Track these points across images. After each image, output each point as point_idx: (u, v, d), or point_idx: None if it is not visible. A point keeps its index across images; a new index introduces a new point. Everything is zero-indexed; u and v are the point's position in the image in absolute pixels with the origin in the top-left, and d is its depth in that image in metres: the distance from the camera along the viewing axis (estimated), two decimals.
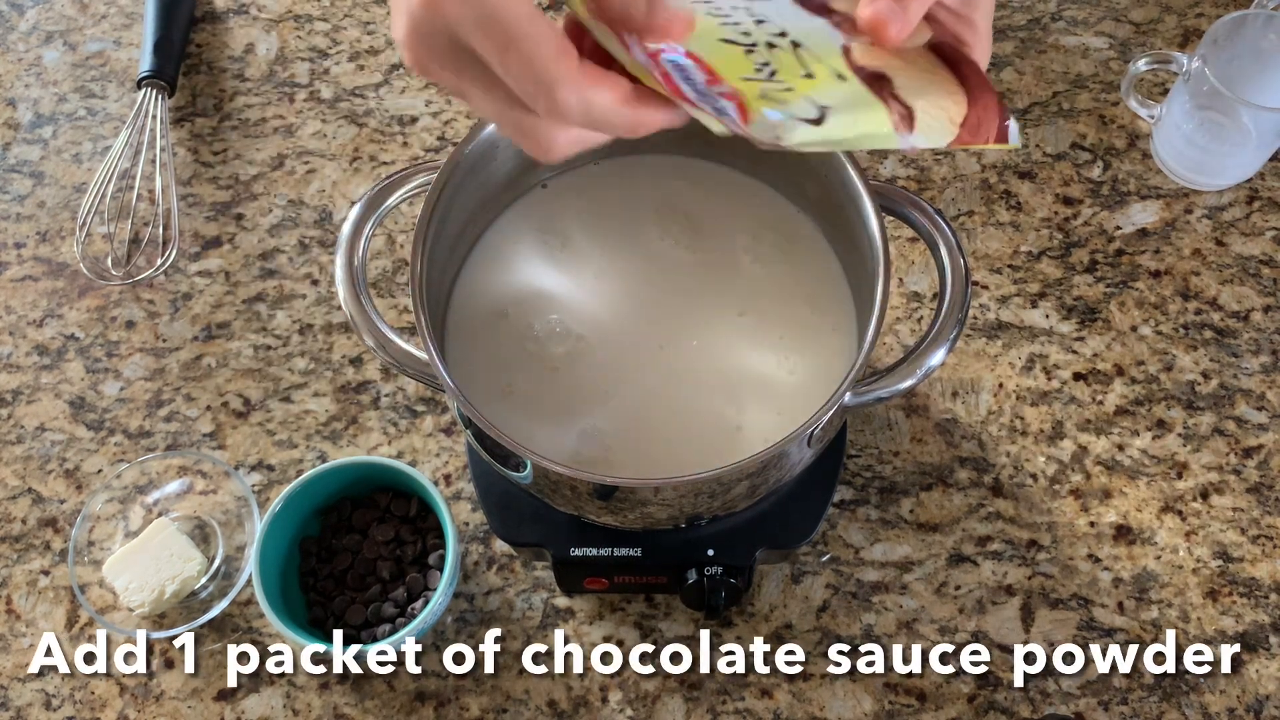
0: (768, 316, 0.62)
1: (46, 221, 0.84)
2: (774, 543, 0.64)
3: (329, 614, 0.68)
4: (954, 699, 0.67)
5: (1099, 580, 0.70)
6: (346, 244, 0.57)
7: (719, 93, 0.40)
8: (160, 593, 0.69)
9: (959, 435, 0.74)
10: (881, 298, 0.54)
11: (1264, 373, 0.75)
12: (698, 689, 0.68)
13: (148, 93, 0.85)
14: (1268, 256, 0.79)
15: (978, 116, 0.43)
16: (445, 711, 0.68)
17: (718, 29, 0.43)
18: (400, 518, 0.70)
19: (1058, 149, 0.83)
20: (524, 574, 0.71)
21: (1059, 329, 0.77)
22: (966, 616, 0.69)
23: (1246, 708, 0.66)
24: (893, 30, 0.41)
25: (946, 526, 0.71)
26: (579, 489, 0.54)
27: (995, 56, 0.87)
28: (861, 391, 0.54)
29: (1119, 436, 0.73)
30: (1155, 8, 0.89)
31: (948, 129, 0.43)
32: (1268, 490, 0.72)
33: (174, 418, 0.76)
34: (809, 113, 0.41)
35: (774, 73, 0.42)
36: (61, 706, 0.69)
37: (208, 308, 0.80)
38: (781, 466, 0.56)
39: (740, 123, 0.40)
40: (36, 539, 0.74)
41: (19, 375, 0.79)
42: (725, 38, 0.42)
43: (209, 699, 0.69)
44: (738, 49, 0.42)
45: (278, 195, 0.84)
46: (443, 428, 0.75)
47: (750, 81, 0.41)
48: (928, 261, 0.79)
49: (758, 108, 0.40)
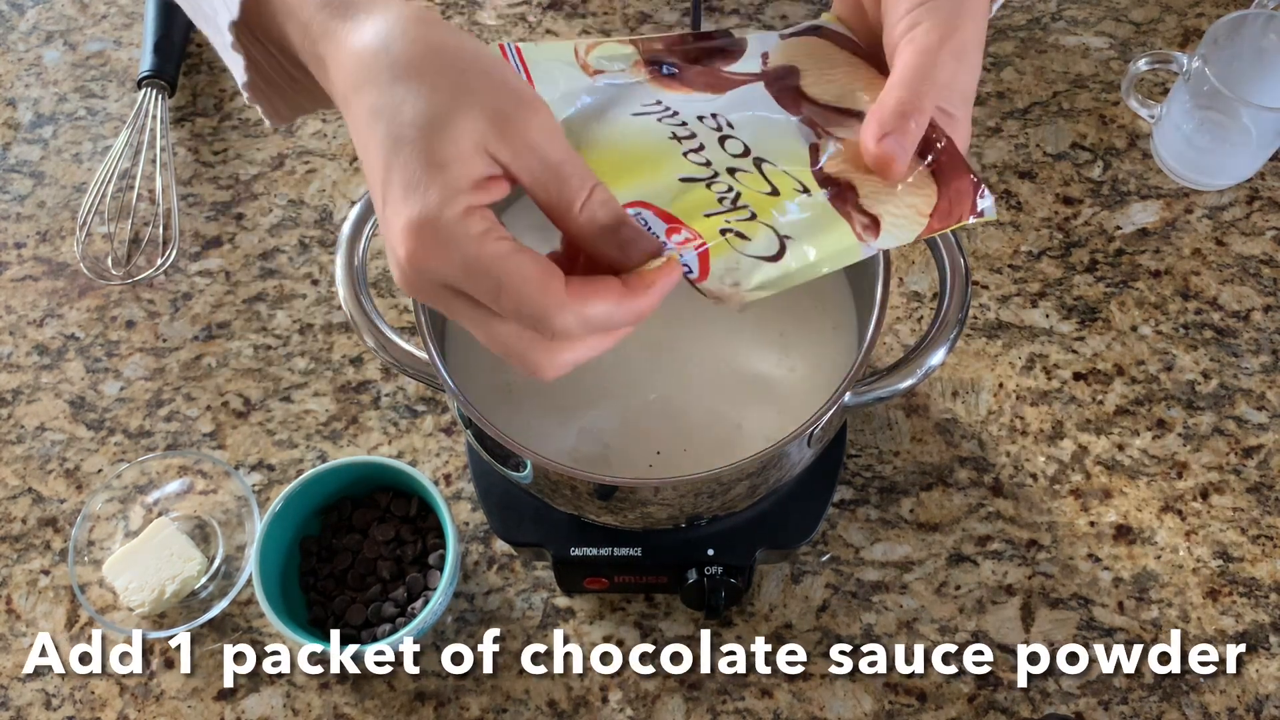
0: (768, 314, 0.62)
1: (46, 221, 0.84)
2: (774, 543, 0.64)
3: (329, 614, 0.68)
4: (954, 699, 0.67)
5: (1099, 580, 0.70)
6: (346, 244, 0.57)
7: (679, 242, 0.40)
8: (160, 593, 0.69)
9: (959, 435, 0.74)
10: (881, 297, 0.54)
11: (1264, 372, 0.75)
12: (698, 689, 0.68)
13: (148, 92, 0.85)
14: (1268, 256, 0.79)
15: (949, 201, 0.43)
16: (445, 711, 0.68)
17: (679, 163, 0.43)
18: (400, 518, 0.70)
19: (1058, 149, 0.83)
20: (524, 574, 0.71)
21: (1059, 329, 0.77)
22: (967, 616, 0.69)
23: (1247, 708, 0.66)
24: (898, 168, 0.42)
25: (946, 526, 0.71)
26: (579, 489, 0.54)
27: (996, 56, 0.87)
28: (861, 391, 0.54)
29: (1119, 436, 0.73)
30: (1155, 7, 0.89)
31: (915, 223, 0.42)
32: (1268, 490, 0.72)
33: (174, 417, 0.76)
34: (769, 249, 0.41)
35: (738, 196, 0.42)
36: (61, 706, 0.69)
37: (208, 308, 0.80)
38: (781, 466, 0.56)
39: (699, 277, 0.40)
40: (36, 539, 0.74)
41: (19, 375, 0.79)
42: (685, 175, 0.43)
43: (209, 699, 0.69)
44: (698, 184, 0.42)
45: (278, 195, 0.84)
46: (443, 428, 0.75)
47: (712, 217, 0.41)
48: (928, 261, 0.79)
49: (718, 254, 0.40)
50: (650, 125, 0.45)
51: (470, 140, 0.37)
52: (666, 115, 0.45)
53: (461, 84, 0.38)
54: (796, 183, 0.43)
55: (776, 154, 0.44)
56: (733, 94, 0.47)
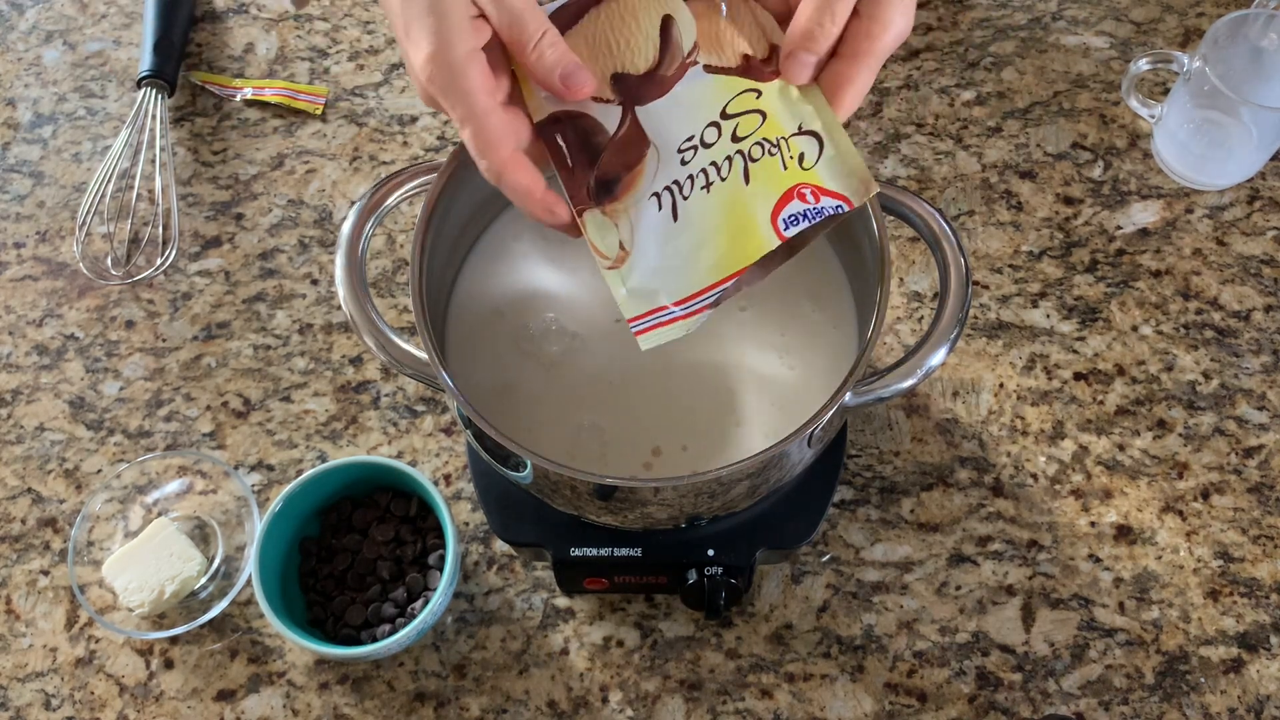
0: (769, 313, 0.62)
1: (46, 221, 0.84)
2: (774, 543, 0.64)
3: (329, 614, 0.68)
4: (954, 699, 0.67)
5: (1099, 580, 0.70)
6: (346, 244, 0.57)
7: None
8: (160, 593, 0.69)
9: (959, 435, 0.74)
10: (882, 297, 0.54)
11: (1265, 372, 0.75)
12: (698, 689, 0.68)
13: (148, 92, 0.85)
14: (1268, 256, 0.79)
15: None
16: (445, 711, 0.68)
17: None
18: (400, 518, 0.70)
19: (1058, 149, 0.83)
20: (524, 574, 0.71)
21: (1060, 329, 0.77)
22: (967, 616, 0.69)
23: (1247, 708, 0.66)
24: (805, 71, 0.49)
25: (947, 526, 0.71)
26: (579, 489, 0.54)
27: (996, 56, 0.87)
28: (862, 391, 0.54)
29: (1119, 436, 0.73)
30: (1156, 7, 0.89)
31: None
32: (1268, 490, 0.72)
33: (174, 417, 0.76)
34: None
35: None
36: (61, 706, 0.69)
37: (208, 307, 0.80)
38: (782, 466, 0.56)
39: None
40: (36, 539, 0.73)
41: (19, 375, 0.79)
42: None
43: (209, 699, 0.69)
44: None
45: (278, 195, 0.84)
46: (443, 428, 0.75)
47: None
48: (928, 261, 0.79)
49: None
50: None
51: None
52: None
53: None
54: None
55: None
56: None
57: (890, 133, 0.84)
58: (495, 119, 0.46)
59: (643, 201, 0.49)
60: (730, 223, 0.49)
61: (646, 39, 0.50)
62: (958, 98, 0.85)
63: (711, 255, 0.49)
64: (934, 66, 0.87)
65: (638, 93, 0.50)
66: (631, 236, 0.49)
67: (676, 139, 0.50)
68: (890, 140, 0.84)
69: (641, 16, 0.50)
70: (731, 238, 0.49)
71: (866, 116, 0.85)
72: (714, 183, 0.49)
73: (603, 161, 0.49)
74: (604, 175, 0.49)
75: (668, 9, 0.50)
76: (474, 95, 0.46)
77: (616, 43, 0.50)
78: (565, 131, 0.49)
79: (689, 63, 0.50)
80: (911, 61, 0.87)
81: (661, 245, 0.49)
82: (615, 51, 0.50)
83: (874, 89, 0.86)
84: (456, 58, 0.45)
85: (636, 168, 0.49)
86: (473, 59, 0.45)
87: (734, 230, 0.49)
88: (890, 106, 0.85)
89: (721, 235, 0.49)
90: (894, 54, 0.87)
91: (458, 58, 0.45)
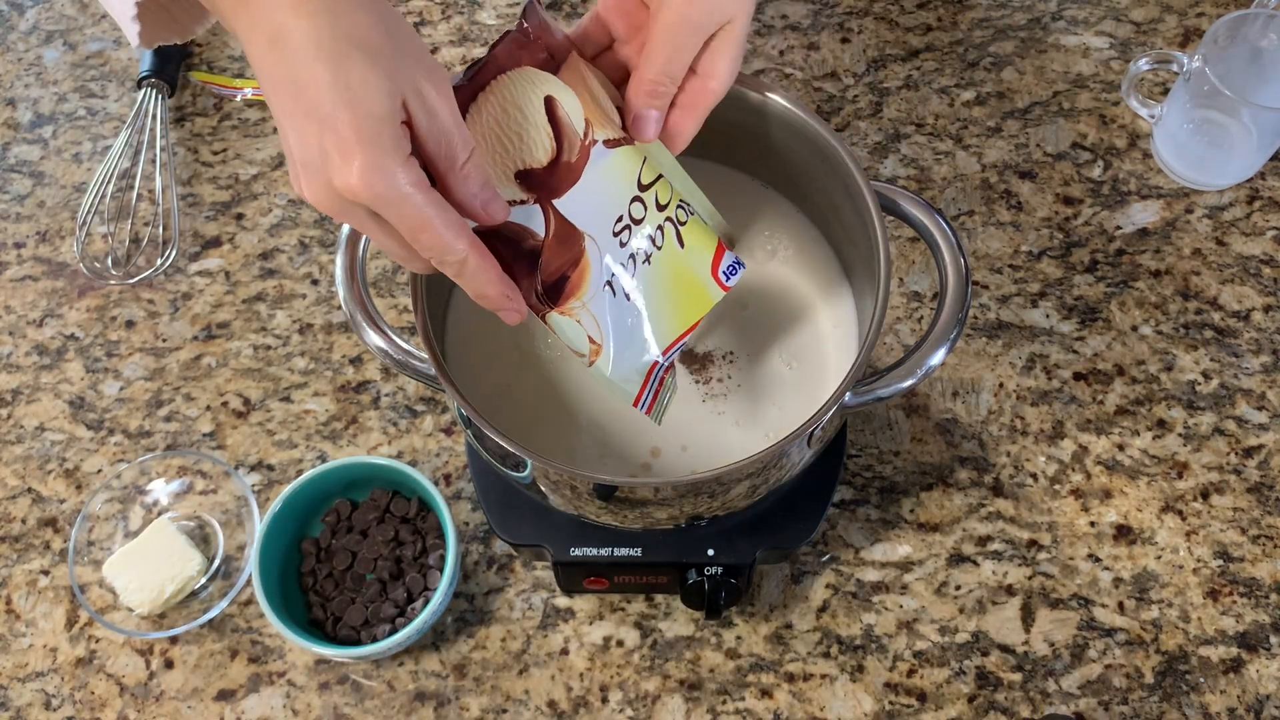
0: (769, 312, 0.62)
1: (46, 221, 0.84)
2: (774, 543, 0.64)
3: (329, 614, 0.68)
4: (954, 699, 0.67)
5: (1099, 580, 0.70)
6: (346, 244, 0.57)
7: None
8: (160, 593, 0.69)
9: (959, 435, 0.74)
10: (882, 297, 0.54)
11: (1264, 372, 0.75)
12: (698, 689, 0.68)
13: (148, 92, 0.85)
14: (1268, 256, 0.79)
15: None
16: (445, 711, 0.68)
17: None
18: (400, 518, 0.70)
19: (1058, 149, 0.83)
20: (524, 574, 0.71)
21: (1059, 329, 0.77)
22: (967, 616, 0.69)
23: (1247, 708, 0.66)
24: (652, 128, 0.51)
25: (947, 526, 0.71)
26: (579, 489, 0.54)
27: (996, 56, 0.87)
28: (862, 391, 0.54)
29: (1119, 436, 0.73)
30: (1156, 7, 0.89)
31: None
32: (1268, 490, 0.72)
33: (174, 418, 0.76)
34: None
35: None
36: (61, 706, 0.69)
37: (208, 308, 0.80)
38: (781, 466, 0.56)
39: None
40: (36, 539, 0.74)
41: (19, 375, 0.79)
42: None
43: (209, 699, 0.69)
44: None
45: (278, 195, 0.84)
46: (443, 428, 0.75)
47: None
48: (928, 261, 0.79)
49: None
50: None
51: (396, 96, 0.42)
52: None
53: (399, 44, 0.43)
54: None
55: None
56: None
57: (890, 133, 0.84)
58: (450, 210, 0.44)
59: (598, 294, 0.49)
60: (678, 287, 0.52)
61: (538, 129, 0.47)
62: (957, 98, 0.85)
63: (667, 320, 0.52)
64: (934, 66, 0.87)
65: (549, 185, 0.48)
66: (598, 328, 0.50)
67: (608, 222, 0.49)
68: (890, 140, 0.84)
69: (525, 105, 0.47)
70: (680, 299, 0.52)
71: (866, 116, 0.85)
72: (653, 254, 0.51)
73: (543, 265, 0.48)
74: (549, 278, 0.48)
75: (545, 90, 0.48)
76: (425, 193, 0.42)
77: (509, 139, 0.47)
78: (494, 244, 0.47)
79: (588, 144, 0.48)
80: (911, 61, 0.87)
81: (627, 327, 0.51)
82: (511, 149, 0.47)
83: (874, 89, 0.86)
84: (397, 163, 0.42)
85: (580, 263, 0.49)
86: (411, 164, 0.42)
87: (682, 292, 0.52)
88: (890, 106, 0.85)
89: (671, 300, 0.52)
90: (894, 54, 0.87)
91: (398, 162, 0.42)
